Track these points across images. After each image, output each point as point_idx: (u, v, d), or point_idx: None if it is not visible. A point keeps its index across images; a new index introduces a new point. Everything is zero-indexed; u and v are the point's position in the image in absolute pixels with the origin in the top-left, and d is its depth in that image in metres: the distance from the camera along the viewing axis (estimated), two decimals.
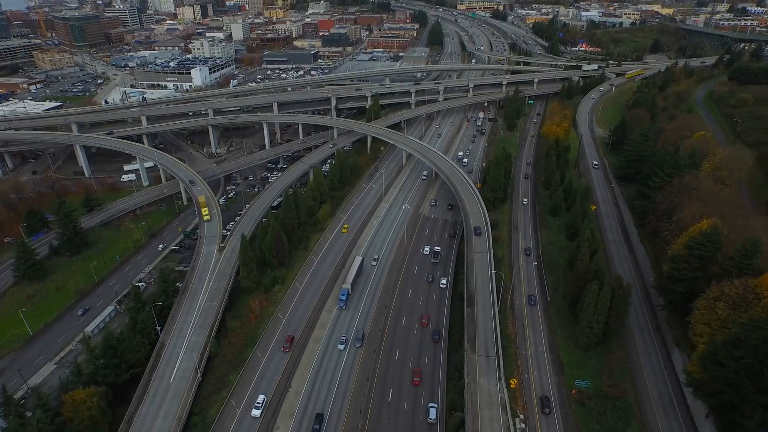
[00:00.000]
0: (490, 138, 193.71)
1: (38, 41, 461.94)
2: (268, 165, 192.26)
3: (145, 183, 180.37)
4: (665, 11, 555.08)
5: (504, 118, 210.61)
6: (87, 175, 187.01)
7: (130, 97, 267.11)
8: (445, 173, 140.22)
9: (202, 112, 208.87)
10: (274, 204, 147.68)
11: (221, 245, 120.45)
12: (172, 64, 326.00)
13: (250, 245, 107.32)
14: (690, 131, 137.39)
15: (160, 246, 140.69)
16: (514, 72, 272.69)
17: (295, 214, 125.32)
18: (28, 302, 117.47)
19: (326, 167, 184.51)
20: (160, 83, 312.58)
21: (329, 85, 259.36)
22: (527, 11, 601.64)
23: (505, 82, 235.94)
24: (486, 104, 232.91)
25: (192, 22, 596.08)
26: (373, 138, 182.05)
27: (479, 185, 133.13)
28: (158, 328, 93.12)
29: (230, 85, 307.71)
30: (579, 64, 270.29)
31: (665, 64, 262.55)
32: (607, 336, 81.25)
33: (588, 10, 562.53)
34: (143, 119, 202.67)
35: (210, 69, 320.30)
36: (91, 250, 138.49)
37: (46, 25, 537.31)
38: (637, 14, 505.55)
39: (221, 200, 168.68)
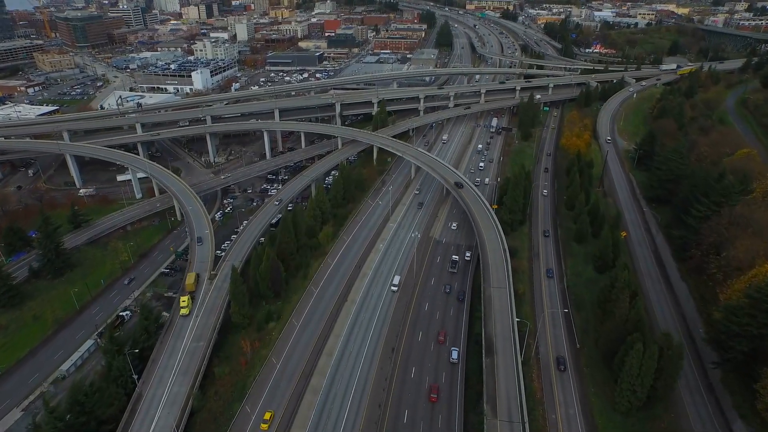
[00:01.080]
0: (504, 149, 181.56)
1: (40, 42, 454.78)
2: (269, 176, 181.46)
3: (138, 195, 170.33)
4: (681, 11, 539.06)
5: (518, 127, 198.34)
6: (78, 186, 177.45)
7: (127, 101, 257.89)
8: (458, 192, 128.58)
9: (200, 119, 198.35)
10: (273, 221, 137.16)
11: (212, 272, 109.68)
12: (172, 66, 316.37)
13: (241, 278, 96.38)
14: (729, 147, 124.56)
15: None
16: (527, 76, 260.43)
17: (294, 237, 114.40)
18: (1, 333, 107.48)
19: (330, 178, 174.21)
20: (161, 86, 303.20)
21: (334, 89, 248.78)
22: (538, 11, 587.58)
23: (518, 88, 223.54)
24: (494, 114, 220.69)
25: (197, 22, 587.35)
26: (379, 148, 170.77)
27: (496, 206, 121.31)
28: (135, 376, 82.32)
29: (232, 88, 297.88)
30: (598, 68, 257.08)
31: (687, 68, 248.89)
32: (651, 399, 69.44)
33: (601, 10, 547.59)
34: (138, 127, 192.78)
35: (212, 71, 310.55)
36: (75, 272, 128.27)
37: (51, 26, 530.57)
38: (653, 14, 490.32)
39: (218, 215, 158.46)
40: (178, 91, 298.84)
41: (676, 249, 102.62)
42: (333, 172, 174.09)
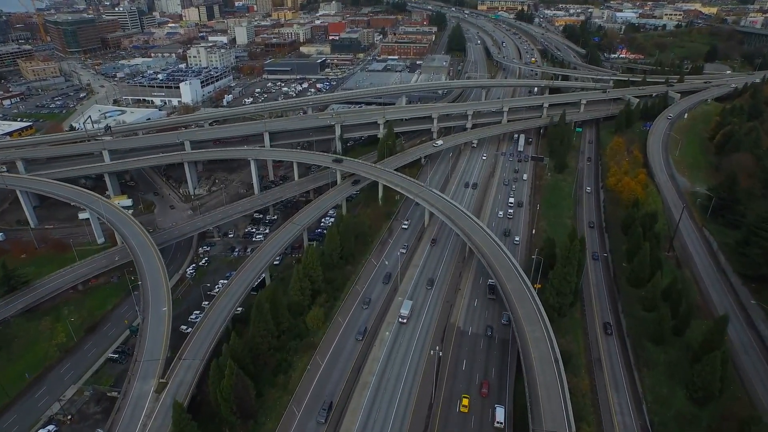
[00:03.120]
0: (535, 183, 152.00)
1: (29, 47, 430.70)
2: (255, 215, 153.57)
3: (100, 240, 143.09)
4: (708, 10, 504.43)
5: (549, 154, 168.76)
6: (33, 226, 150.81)
7: (106, 117, 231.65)
8: (486, 257, 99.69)
9: (178, 142, 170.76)
10: (256, 283, 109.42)
11: (161, 380, 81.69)
12: (160, 76, 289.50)
13: (189, 416, 68.10)
14: None
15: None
16: (553, 90, 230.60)
17: (273, 323, 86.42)
18: None
19: (328, 219, 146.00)
20: (147, 99, 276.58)
21: (334, 103, 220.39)
22: (554, 12, 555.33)
23: (546, 105, 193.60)
24: (520, 132, 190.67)
25: (196, 24, 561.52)
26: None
27: (538, 286, 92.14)
28: None
29: (224, 101, 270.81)
30: (634, 79, 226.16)
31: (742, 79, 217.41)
32: None
33: (621, 11, 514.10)
34: (105, 154, 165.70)
35: (203, 81, 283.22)
36: (1, 355, 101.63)
37: (46, 29, 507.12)
38: (680, 14, 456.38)
39: (189, 270, 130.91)
40: (165, 104, 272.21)
41: None
42: (330, 215, 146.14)
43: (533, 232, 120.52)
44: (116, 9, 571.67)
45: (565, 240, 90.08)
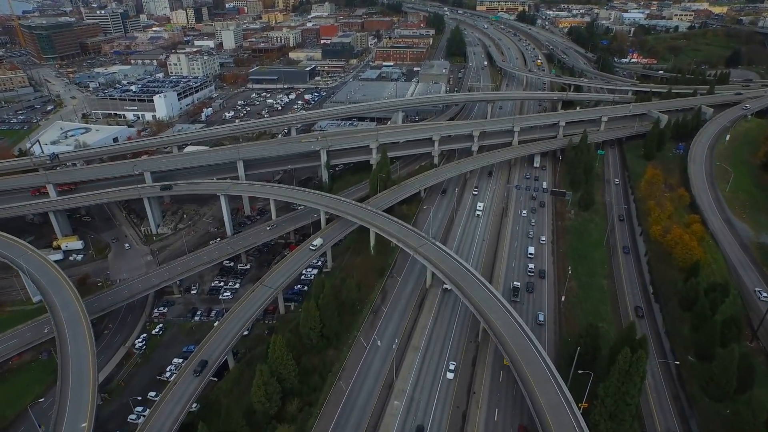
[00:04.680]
0: (557, 225, 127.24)
1: None
2: (225, 264, 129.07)
3: (36, 298, 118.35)
4: (717, 10, 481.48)
5: (569, 184, 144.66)
6: None
7: (67, 136, 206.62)
8: (509, 350, 75.56)
9: (136, 174, 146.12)
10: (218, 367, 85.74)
11: None
12: (133, 88, 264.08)
13: None
14: None
15: None
16: (565, 103, 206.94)
17: None
18: None
19: (310, 271, 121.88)
20: (118, 113, 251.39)
21: (321, 121, 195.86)
22: (556, 12, 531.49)
23: (563, 123, 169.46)
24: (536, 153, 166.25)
25: (182, 27, 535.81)
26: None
27: (584, 405, 67.87)
28: None
29: (202, 115, 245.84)
30: (658, 89, 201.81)
31: None
32: None
33: (627, 11, 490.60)
34: (50, 189, 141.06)
35: (180, 93, 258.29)
36: None
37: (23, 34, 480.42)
38: (691, 15, 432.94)
39: (138, 342, 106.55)
40: (138, 119, 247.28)
41: None
42: (311, 268, 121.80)
43: (562, 299, 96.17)
44: (99, 12, 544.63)
45: (615, 333, 66.33)
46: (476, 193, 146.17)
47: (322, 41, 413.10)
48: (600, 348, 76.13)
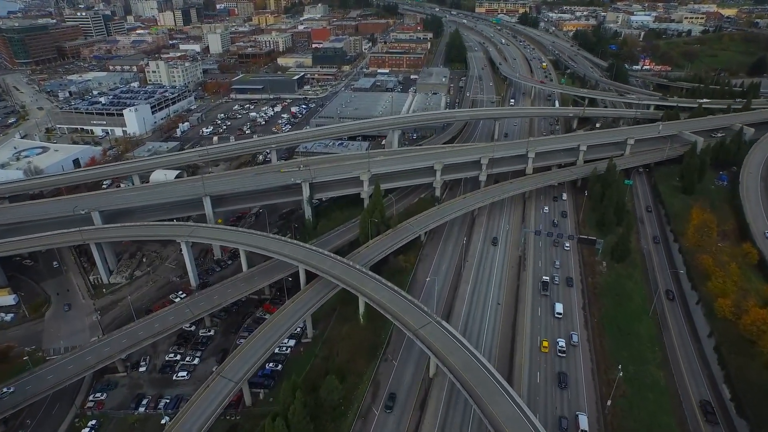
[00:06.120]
0: (587, 281, 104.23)
1: None
2: (185, 327, 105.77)
3: None
4: (727, 12, 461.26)
5: (596, 226, 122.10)
6: None
7: (20, 157, 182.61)
8: None
9: (82, 214, 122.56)
10: None
11: None
12: (102, 99, 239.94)
13: None
14: None
15: None
16: (583, 119, 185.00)
17: None
18: None
19: (286, 342, 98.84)
20: (85, 128, 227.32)
21: (306, 143, 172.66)
22: (559, 14, 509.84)
23: (584, 147, 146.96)
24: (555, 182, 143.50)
25: (169, 30, 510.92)
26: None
27: None
28: None
29: (178, 130, 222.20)
30: (685, 104, 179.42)
31: None
32: None
33: (632, 13, 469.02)
34: None
35: (155, 106, 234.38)
36: None
37: None
38: (702, 17, 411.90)
39: None
40: (107, 134, 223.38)
41: None
42: (287, 342, 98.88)
43: (608, 404, 73.38)
44: (79, 14, 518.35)
45: None
46: (488, 237, 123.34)
47: (314, 45, 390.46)
48: None
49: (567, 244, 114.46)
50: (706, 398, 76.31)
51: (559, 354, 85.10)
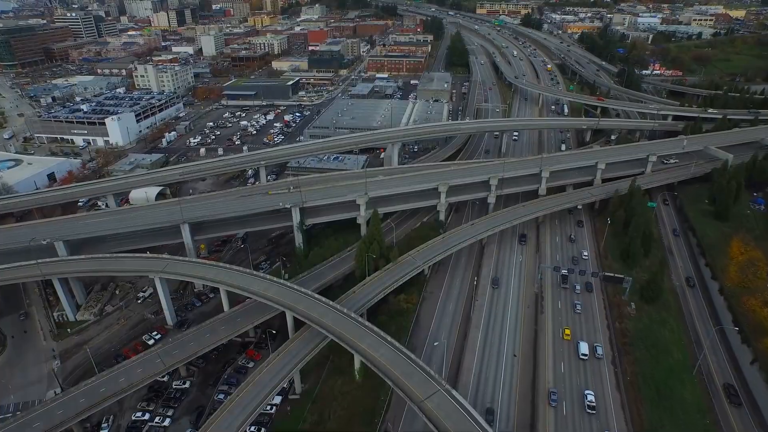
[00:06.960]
0: (615, 326, 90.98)
1: None
2: (161, 378, 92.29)
3: None
4: (735, 14, 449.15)
5: (620, 258, 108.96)
6: None
7: None
8: None
9: (43, 243, 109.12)
10: None
11: None
12: (84, 107, 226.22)
13: None
14: None
15: None
16: (597, 131, 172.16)
17: None
18: None
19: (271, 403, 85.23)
20: (65, 137, 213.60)
21: (296, 159, 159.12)
22: (562, 16, 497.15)
23: (602, 165, 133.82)
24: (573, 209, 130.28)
25: (162, 31, 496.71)
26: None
27: None
28: None
29: (164, 140, 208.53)
30: (709, 114, 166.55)
31: None
32: None
33: (638, 15, 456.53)
34: None
35: (140, 114, 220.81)
36: None
37: None
38: (711, 19, 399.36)
39: None
40: (88, 145, 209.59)
41: None
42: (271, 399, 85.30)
43: None
44: (69, 14, 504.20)
45: None
46: (499, 271, 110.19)
47: (310, 48, 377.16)
48: None
49: (590, 282, 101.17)
50: None
51: (588, 411, 72.17)
